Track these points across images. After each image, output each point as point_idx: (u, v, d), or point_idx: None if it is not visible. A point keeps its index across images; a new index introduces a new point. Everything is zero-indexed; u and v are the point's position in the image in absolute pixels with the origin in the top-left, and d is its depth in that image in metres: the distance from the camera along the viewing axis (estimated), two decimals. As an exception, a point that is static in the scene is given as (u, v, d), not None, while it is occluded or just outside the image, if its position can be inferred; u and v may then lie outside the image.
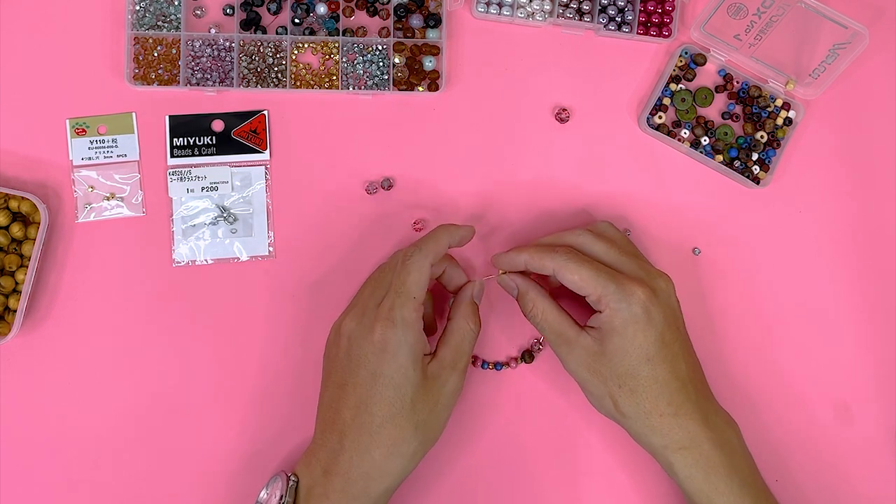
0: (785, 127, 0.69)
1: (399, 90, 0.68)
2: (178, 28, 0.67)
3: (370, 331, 0.57)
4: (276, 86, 0.67)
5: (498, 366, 0.67)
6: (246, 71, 0.67)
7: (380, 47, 0.68)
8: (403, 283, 0.58)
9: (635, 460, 0.67)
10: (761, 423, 0.68)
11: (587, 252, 0.61)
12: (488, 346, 0.68)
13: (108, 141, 0.67)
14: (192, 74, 0.67)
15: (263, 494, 0.59)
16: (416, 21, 0.68)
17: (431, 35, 0.69)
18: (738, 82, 0.70)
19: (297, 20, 0.68)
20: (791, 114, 0.69)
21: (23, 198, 0.64)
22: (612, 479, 0.67)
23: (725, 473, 0.58)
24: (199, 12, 0.68)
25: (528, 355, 0.67)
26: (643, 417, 0.58)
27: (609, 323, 0.58)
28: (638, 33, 0.69)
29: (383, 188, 0.68)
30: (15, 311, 0.64)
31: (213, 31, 0.68)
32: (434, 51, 0.68)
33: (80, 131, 0.67)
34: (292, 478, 0.58)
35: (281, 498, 0.57)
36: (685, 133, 0.69)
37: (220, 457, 0.66)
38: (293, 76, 0.68)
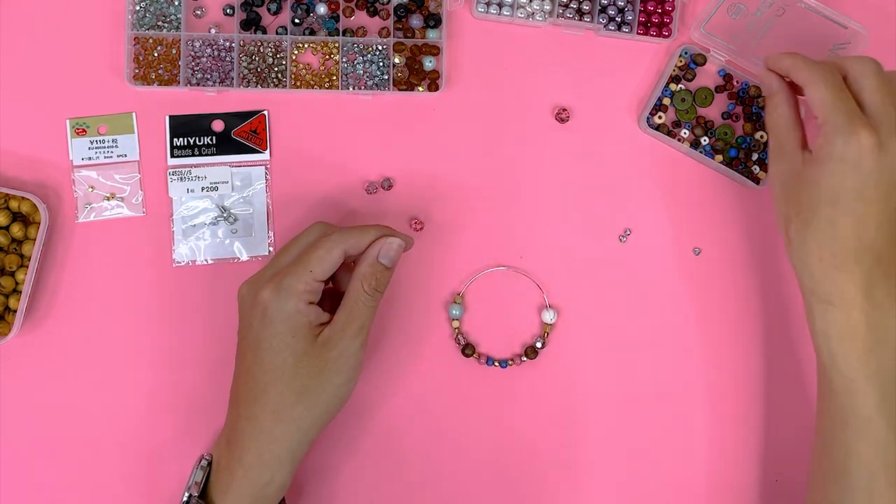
0: (785, 127, 0.69)
1: (399, 90, 0.68)
2: (178, 28, 0.67)
3: (255, 296, 0.58)
4: (276, 86, 0.67)
5: (503, 363, 0.67)
6: (246, 71, 0.67)
7: (380, 47, 0.68)
8: (308, 256, 0.58)
9: (642, 460, 0.67)
10: (761, 423, 0.68)
11: (856, 83, 0.57)
12: (493, 343, 0.68)
13: (108, 141, 0.67)
14: (192, 74, 0.67)
15: (189, 478, 0.60)
16: (416, 21, 0.68)
17: (431, 35, 0.69)
18: (738, 82, 0.70)
19: (297, 20, 0.68)
20: (791, 114, 0.69)
21: (23, 198, 0.64)
22: (616, 478, 0.67)
23: (862, 351, 0.56)
24: (199, 12, 0.68)
25: (531, 351, 0.67)
26: (804, 254, 0.57)
27: (819, 150, 0.56)
28: (638, 33, 0.69)
29: (383, 188, 0.68)
30: (15, 311, 0.64)
31: (213, 31, 0.68)
32: (434, 51, 0.68)
33: (80, 131, 0.67)
34: (206, 457, 0.60)
35: (190, 478, 0.59)
36: (685, 133, 0.69)
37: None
38: (293, 76, 0.68)
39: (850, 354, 0.56)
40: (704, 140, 0.69)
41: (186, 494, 0.58)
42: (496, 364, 0.67)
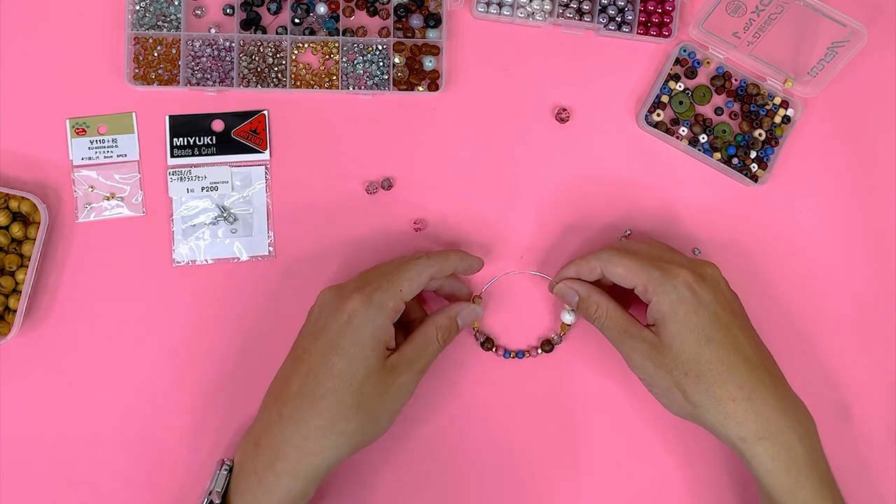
0: (783, 125, 0.69)
1: (399, 90, 0.68)
2: (178, 28, 0.67)
3: (343, 302, 0.57)
4: (276, 86, 0.68)
5: (520, 353, 0.67)
6: (246, 71, 0.67)
7: (380, 47, 0.69)
8: (398, 274, 0.58)
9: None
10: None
11: (630, 250, 0.61)
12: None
13: (108, 141, 0.67)
14: (192, 74, 0.67)
15: (208, 483, 0.58)
16: (416, 21, 0.68)
17: (431, 35, 0.69)
18: (736, 80, 0.70)
19: (297, 20, 0.68)
20: (789, 112, 0.69)
21: (23, 198, 0.64)
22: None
23: (807, 467, 0.55)
24: (199, 12, 0.69)
25: (547, 345, 0.67)
26: (715, 405, 0.56)
27: (659, 310, 0.57)
28: (638, 33, 0.69)
29: (383, 188, 0.68)
30: (15, 311, 0.64)
31: (213, 31, 0.68)
32: (434, 51, 0.68)
33: (80, 131, 0.67)
34: (227, 463, 0.58)
35: (211, 485, 0.57)
36: (683, 131, 0.69)
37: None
38: (293, 76, 0.68)
39: (800, 477, 0.56)
40: (703, 138, 0.69)
41: (206, 501, 0.56)
42: (513, 356, 0.67)
